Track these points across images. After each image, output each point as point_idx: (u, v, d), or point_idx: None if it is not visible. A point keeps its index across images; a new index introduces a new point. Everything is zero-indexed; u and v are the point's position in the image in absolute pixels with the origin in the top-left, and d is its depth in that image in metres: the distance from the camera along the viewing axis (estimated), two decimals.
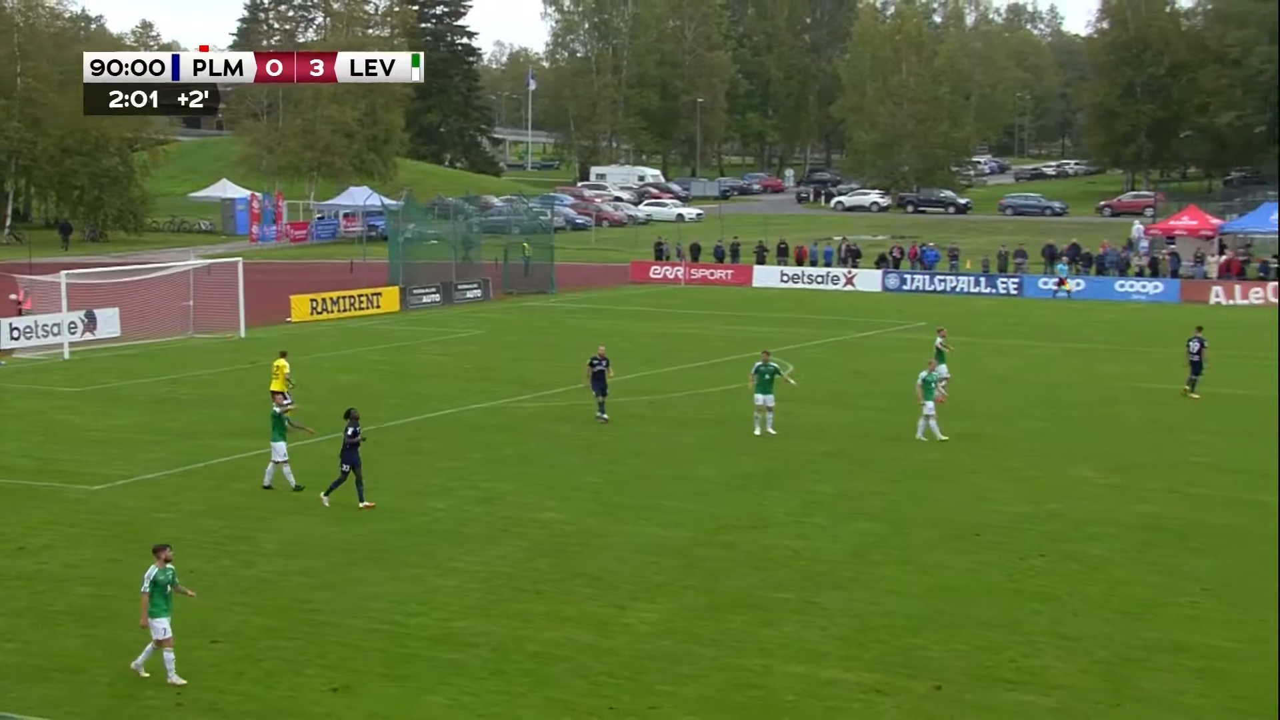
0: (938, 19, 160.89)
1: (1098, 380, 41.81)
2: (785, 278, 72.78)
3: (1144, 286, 68.02)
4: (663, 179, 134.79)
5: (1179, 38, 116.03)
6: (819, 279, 72.11)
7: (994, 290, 69.48)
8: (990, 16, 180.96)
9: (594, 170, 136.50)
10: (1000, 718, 16.58)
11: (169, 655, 17.29)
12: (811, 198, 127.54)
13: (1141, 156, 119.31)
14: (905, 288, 70.45)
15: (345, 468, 25.59)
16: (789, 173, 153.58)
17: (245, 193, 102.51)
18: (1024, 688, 17.42)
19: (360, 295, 59.92)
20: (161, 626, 17.27)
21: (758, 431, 32.46)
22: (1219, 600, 20.79)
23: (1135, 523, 25.15)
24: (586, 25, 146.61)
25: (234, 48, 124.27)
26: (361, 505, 25.55)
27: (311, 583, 21.46)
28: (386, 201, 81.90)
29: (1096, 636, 19.18)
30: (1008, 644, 18.87)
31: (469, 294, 64.64)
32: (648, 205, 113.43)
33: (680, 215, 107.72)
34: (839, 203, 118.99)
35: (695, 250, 77.08)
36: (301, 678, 17.62)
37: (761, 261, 75.51)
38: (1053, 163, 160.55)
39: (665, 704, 16.87)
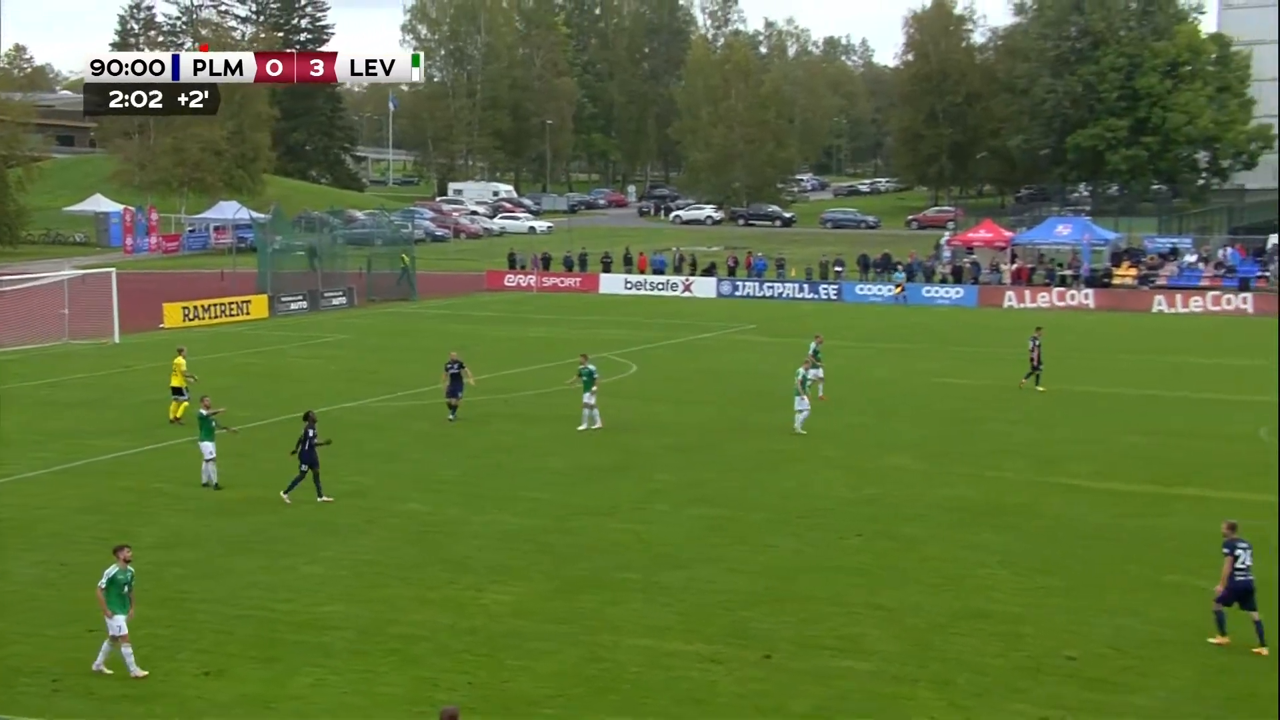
0: (764, 50, 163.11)
1: (911, 377, 42.78)
2: (629, 285, 73.10)
3: (947, 292, 69.88)
4: (515, 194, 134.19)
5: (974, 70, 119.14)
6: (660, 286, 72.60)
7: (816, 296, 70.73)
8: (810, 48, 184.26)
9: (451, 186, 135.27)
10: (823, 681, 16.87)
11: (127, 650, 16.69)
12: (652, 212, 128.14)
13: (944, 175, 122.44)
14: (738, 294, 71.29)
15: (304, 467, 25.03)
16: (631, 189, 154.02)
17: (119, 207, 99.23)
18: (844, 654, 17.76)
19: (230, 303, 58.56)
20: (117, 624, 16.64)
21: (582, 427, 32.43)
22: (1012, 572, 21.45)
23: (943, 504, 25.79)
24: (443, 52, 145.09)
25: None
26: (320, 499, 25.10)
27: (187, 573, 20.94)
28: (255, 215, 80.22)
29: (908, 606, 19.63)
30: (829, 615, 19.21)
31: (335, 301, 63.64)
32: (502, 219, 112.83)
33: (532, 228, 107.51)
34: (677, 216, 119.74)
35: (546, 260, 77.00)
36: (175, 663, 17.19)
37: (607, 270, 75.71)
38: (867, 181, 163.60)
39: (520, 678, 16.83)
